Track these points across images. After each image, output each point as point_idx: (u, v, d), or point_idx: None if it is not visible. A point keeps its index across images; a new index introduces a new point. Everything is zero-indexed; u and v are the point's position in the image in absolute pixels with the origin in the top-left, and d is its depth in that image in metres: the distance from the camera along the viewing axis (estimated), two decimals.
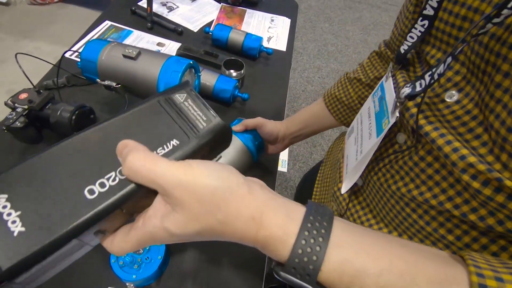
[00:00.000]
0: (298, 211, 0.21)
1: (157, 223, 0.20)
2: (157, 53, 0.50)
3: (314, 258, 0.19)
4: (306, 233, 0.19)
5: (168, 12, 0.93)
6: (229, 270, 0.49)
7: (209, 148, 0.25)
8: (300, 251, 0.19)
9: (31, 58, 0.64)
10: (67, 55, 0.74)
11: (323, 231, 0.19)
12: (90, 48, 0.50)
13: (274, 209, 0.21)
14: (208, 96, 0.71)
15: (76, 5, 2.08)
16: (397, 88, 0.34)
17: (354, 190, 0.41)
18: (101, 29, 0.83)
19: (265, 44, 0.90)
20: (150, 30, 0.85)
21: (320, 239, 0.19)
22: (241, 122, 0.56)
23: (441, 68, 0.25)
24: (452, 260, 0.20)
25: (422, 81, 0.28)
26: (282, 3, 1.05)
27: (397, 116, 0.30)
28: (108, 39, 0.78)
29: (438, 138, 0.26)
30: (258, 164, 0.64)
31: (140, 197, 0.21)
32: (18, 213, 0.18)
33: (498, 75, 0.22)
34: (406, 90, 0.29)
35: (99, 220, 0.20)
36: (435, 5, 0.28)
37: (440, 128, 0.27)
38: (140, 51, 0.49)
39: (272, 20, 0.98)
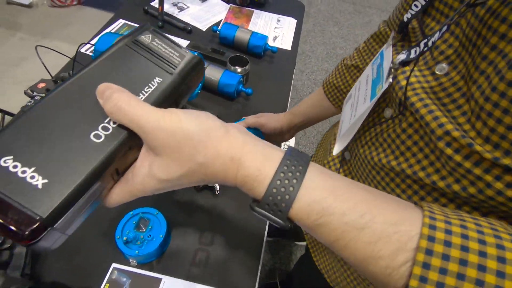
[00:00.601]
0: (276, 154, 0.23)
1: (144, 171, 0.22)
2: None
3: (287, 197, 0.21)
4: (282, 174, 0.21)
5: (179, 12, 0.97)
6: (228, 252, 0.51)
7: (188, 81, 0.26)
8: (274, 190, 0.21)
9: (49, 55, 0.68)
10: (82, 50, 0.79)
11: (297, 173, 0.21)
12: (104, 40, 0.53)
13: (252, 150, 0.22)
14: (213, 91, 0.74)
15: (93, 7, 2.17)
16: (395, 56, 0.34)
17: (342, 164, 0.43)
18: (115, 27, 0.88)
19: (270, 43, 0.93)
20: (160, 29, 0.90)
21: (294, 181, 0.21)
22: (244, 120, 0.58)
23: (436, 36, 0.26)
24: (412, 207, 0.21)
25: (417, 48, 0.29)
26: (289, 4, 1.08)
27: (390, 82, 0.31)
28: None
29: (422, 108, 0.28)
30: None
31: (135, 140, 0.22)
32: (33, 168, 0.19)
33: (486, 48, 0.23)
34: (401, 56, 0.31)
35: (114, 160, 0.21)
36: None
37: (425, 99, 0.28)
38: None
39: (279, 21, 1.01)
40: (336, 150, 0.40)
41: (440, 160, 0.27)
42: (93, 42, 0.80)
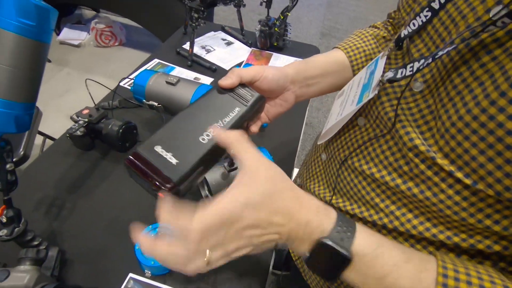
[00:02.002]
0: (332, 212, 0.29)
1: (233, 195, 0.26)
2: (193, 81, 0.63)
3: (349, 234, 0.27)
4: (339, 228, 0.27)
5: (206, 53, 1.09)
6: (235, 274, 0.54)
7: (255, 110, 0.40)
8: (338, 228, 0.27)
9: (92, 87, 0.80)
10: (121, 84, 0.91)
11: (350, 230, 0.27)
12: (142, 76, 0.63)
13: (314, 203, 0.29)
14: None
15: (132, 48, 2.45)
16: (387, 68, 0.37)
17: (319, 164, 0.47)
18: (151, 65, 1.01)
19: None
20: (189, 67, 1.02)
21: (349, 233, 0.27)
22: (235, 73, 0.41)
23: (421, 63, 0.29)
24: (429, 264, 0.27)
25: (404, 70, 0.32)
26: (305, 48, 1.19)
27: (375, 93, 0.34)
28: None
29: (397, 123, 0.33)
30: None
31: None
32: (171, 153, 0.31)
33: (458, 79, 0.27)
34: (389, 74, 0.34)
35: (212, 153, 0.33)
36: (443, 1, 0.31)
37: (401, 115, 0.33)
38: (180, 79, 0.62)
39: None
40: (321, 140, 0.45)
41: (408, 165, 0.32)
42: (131, 76, 0.93)
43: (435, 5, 0.31)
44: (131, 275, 0.52)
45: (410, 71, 0.31)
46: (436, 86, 0.30)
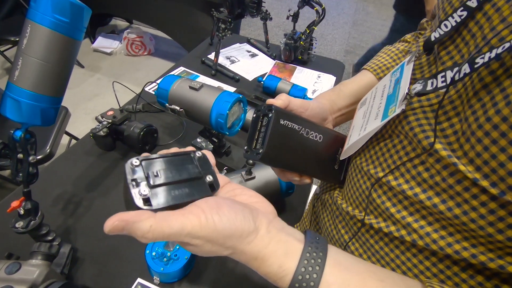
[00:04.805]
0: (298, 247, 0.26)
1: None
2: (215, 87, 0.63)
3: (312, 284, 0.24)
4: (303, 269, 0.24)
5: (230, 63, 1.11)
6: (247, 285, 0.51)
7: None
8: (297, 284, 0.24)
9: (118, 92, 0.82)
10: (146, 88, 0.93)
11: (317, 267, 0.25)
12: (167, 80, 0.64)
13: (275, 249, 0.25)
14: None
15: (159, 57, 2.54)
16: (413, 76, 0.34)
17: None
18: (176, 72, 1.03)
19: (309, 95, 1.00)
20: (213, 76, 1.03)
21: (314, 275, 0.24)
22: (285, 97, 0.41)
23: (456, 75, 0.26)
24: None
25: (434, 80, 0.29)
26: (330, 63, 1.17)
27: (402, 109, 0.31)
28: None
29: (416, 127, 0.30)
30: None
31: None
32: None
33: (493, 84, 0.24)
34: (418, 87, 0.31)
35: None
36: None
37: (422, 118, 0.30)
38: (203, 85, 0.62)
39: (319, 77, 1.09)
40: (343, 156, 0.41)
41: (424, 174, 0.30)
42: (157, 81, 0.95)
43: (472, 4, 0.27)
44: (139, 280, 0.50)
45: (442, 82, 0.28)
46: (462, 82, 0.27)
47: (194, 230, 0.23)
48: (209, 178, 0.28)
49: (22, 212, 0.42)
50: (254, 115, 0.36)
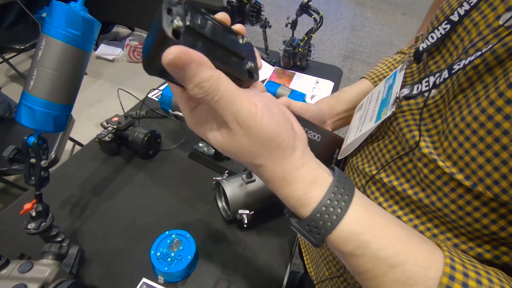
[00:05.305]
0: (326, 178, 0.25)
1: (213, 126, 0.23)
2: None
3: (329, 224, 0.23)
4: (328, 201, 0.23)
5: None
6: (250, 284, 0.53)
7: None
8: (318, 215, 0.23)
9: (123, 98, 0.85)
10: (150, 95, 0.96)
11: (343, 203, 0.24)
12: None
13: (305, 174, 0.24)
14: None
15: None
16: (404, 83, 0.37)
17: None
18: None
19: (308, 100, 1.02)
20: None
21: (339, 210, 0.23)
22: (285, 99, 0.45)
23: (437, 79, 0.29)
24: (437, 249, 0.24)
25: (419, 85, 0.32)
26: (328, 69, 1.20)
27: (393, 111, 0.34)
28: None
29: (405, 127, 0.33)
30: None
31: None
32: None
33: (467, 83, 0.28)
34: (405, 91, 0.34)
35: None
36: (462, 12, 0.30)
37: (410, 120, 0.33)
38: None
39: (317, 82, 1.12)
40: (341, 155, 0.44)
41: (411, 171, 0.33)
42: (160, 88, 0.98)
43: (454, 18, 0.31)
44: (144, 280, 0.52)
45: (426, 86, 0.31)
46: (446, 88, 0.30)
47: (243, 113, 0.21)
48: (250, 64, 0.24)
49: (34, 214, 0.45)
50: None
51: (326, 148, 0.43)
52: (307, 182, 0.24)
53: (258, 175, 0.25)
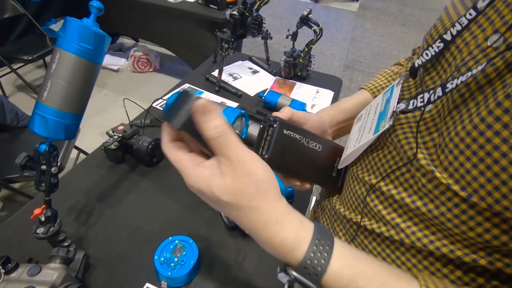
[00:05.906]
0: (308, 222, 0.28)
1: (206, 174, 0.27)
2: (219, 103, 0.67)
3: (322, 261, 0.26)
4: (317, 241, 0.27)
5: (233, 80, 1.16)
6: None
7: None
8: (312, 253, 0.26)
9: (128, 108, 0.88)
10: (154, 104, 0.99)
11: (327, 247, 0.27)
12: (174, 97, 0.69)
13: (292, 218, 0.28)
14: (252, 144, 0.84)
15: (165, 74, 2.63)
16: (401, 96, 0.39)
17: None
18: (181, 88, 1.08)
19: (308, 109, 1.04)
20: (216, 92, 1.08)
21: (327, 247, 0.27)
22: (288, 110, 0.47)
23: (432, 96, 0.31)
24: (412, 280, 0.28)
25: (415, 100, 0.34)
26: (328, 79, 1.23)
27: (390, 124, 0.36)
28: None
29: (403, 140, 0.35)
30: None
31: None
32: None
33: (460, 99, 0.30)
34: (402, 106, 0.35)
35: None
36: (454, 32, 0.32)
37: (408, 132, 0.35)
38: None
39: (317, 92, 1.15)
40: (341, 165, 0.45)
41: (408, 181, 0.34)
42: (164, 98, 1.00)
43: (447, 37, 0.33)
44: (148, 285, 0.53)
45: (421, 102, 0.33)
46: (442, 103, 0.32)
47: (246, 157, 0.26)
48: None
49: (43, 219, 0.46)
50: (261, 126, 0.41)
51: (327, 157, 0.45)
52: (296, 225, 0.27)
53: (253, 223, 0.27)
